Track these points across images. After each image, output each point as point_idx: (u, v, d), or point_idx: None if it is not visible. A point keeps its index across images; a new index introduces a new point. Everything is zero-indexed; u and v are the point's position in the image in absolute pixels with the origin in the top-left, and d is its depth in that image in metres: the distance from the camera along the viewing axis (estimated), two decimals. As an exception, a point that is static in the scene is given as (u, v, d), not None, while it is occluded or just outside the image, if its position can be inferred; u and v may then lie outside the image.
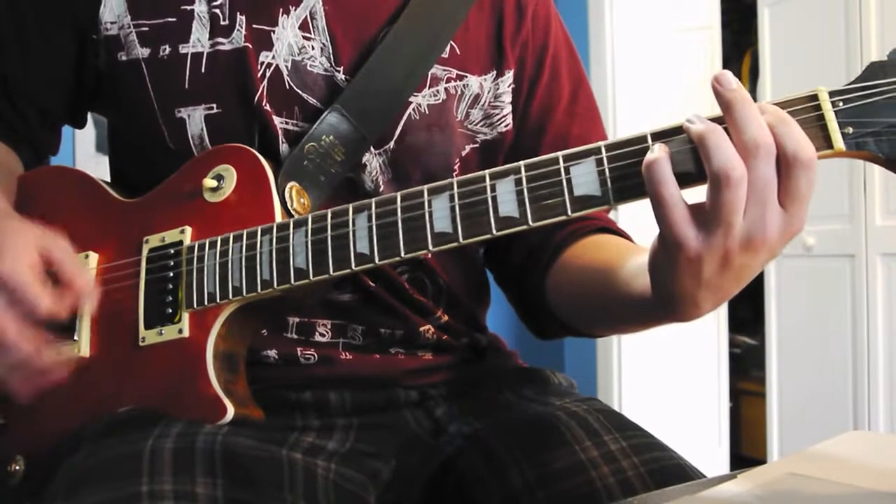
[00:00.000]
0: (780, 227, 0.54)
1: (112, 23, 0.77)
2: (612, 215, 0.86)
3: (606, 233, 0.81)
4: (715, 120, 0.56)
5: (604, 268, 0.71)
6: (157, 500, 0.57)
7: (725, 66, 3.00)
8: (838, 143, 0.55)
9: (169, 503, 0.57)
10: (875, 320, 2.21)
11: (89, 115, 0.90)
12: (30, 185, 0.82)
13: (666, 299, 0.60)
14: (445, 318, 0.82)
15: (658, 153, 0.55)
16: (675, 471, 0.67)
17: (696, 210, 0.55)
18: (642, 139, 0.58)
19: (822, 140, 0.55)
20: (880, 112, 0.55)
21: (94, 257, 0.75)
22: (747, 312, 3.26)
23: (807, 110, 0.55)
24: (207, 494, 0.59)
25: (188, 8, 0.76)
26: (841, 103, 0.55)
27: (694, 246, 0.55)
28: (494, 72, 0.82)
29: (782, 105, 0.56)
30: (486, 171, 0.62)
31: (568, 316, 0.80)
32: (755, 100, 0.54)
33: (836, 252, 2.33)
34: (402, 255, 0.64)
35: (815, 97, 0.56)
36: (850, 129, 0.55)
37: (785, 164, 0.53)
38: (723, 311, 2.90)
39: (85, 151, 2.20)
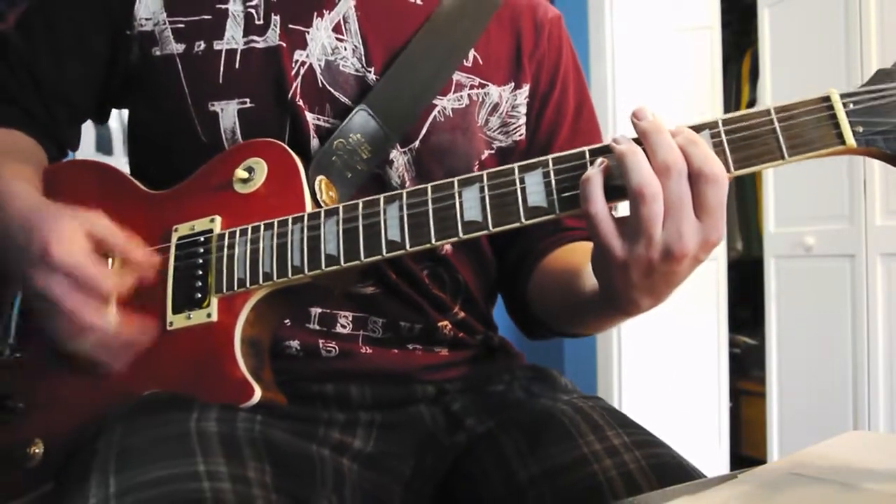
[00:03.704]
0: (698, 239, 0.59)
1: (147, 19, 0.79)
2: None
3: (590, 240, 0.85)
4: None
5: (571, 271, 0.77)
6: (215, 481, 0.58)
7: (725, 66, 3.00)
8: (850, 139, 0.59)
9: (226, 484, 0.58)
10: (875, 320, 2.21)
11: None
12: (56, 177, 0.83)
13: (608, 297, 0.66)
14: (462, 314, 0.85)
15: (591, 171, 0.61)
16: (676, 467, 0.68)
17: (621, 223, 0.61)
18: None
19: (835, 137, 0.59)
20: (888, 113, 0.59)
21: None
22: (747, 312, 3.26)
23: (821, 110, 0.60)
24: (258, 480, 0.60)
25: (223, 7, 0.79)
26: (851, 104, 0.59)
27: (620, 255, 0.61)
28: (513, 83, 0.87)
29: (797, 105, 0.60)
30: (515, 164, 0.65)
31: (545, 316, 0.86)
32: (755, 100, 0.57)
33: (836, 252, 2.33)
34: (433, 241, 0.66)
35: (827, 98, 0.60)
36: (861, 128, 0.59)
37: (694, 180, 0.59)
38: (723, 311, 2.90)
39: (85, 152, 2.19)
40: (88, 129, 0.94)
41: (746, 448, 3.04)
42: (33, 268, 0.69)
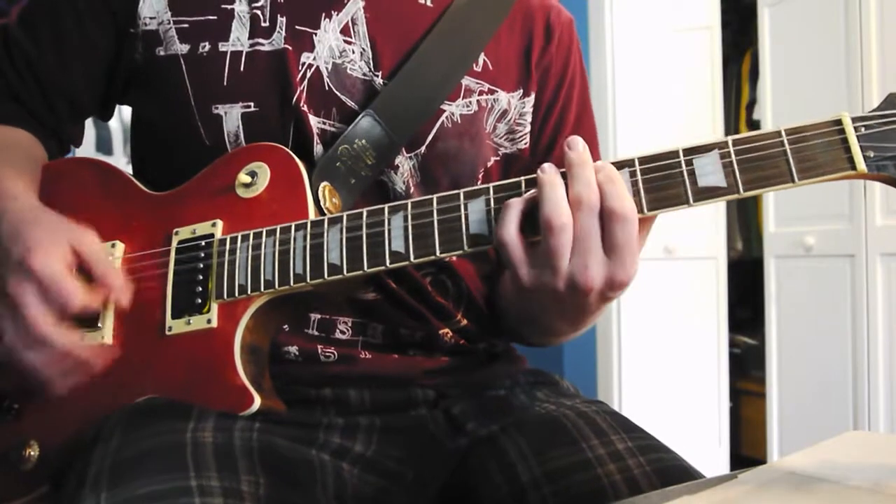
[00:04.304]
0: (603, 275, 0.60)
1: (151, 18, 0.78)
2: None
3: None
4: None
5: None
6: (207, 496, 0.57)
7: (725, 66, 3.00)
8: (861, 164, 0.58)
9: (218, 499, 0.57)
10: (875, 320, 2.21)
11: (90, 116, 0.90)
12: (57, 174, 0.83)
13: (528, 319, 0.69)
14: (464, 322, 0.84)
15: (514, 199, 0.62)
16: (679, 472, 0.68)
17: (531, 250, 0.62)
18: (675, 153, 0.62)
19: (846, 161, 0.58)
20: None
21: (120, 247, 0.76)
22: (747, 312, 3.26)
23: (832, 133, 0.59)
24: (252, 493, 0.60)
25: (229, 7, 0.78)
26: (863, 129, 0.59)
27: (526, 281, 0.62)
28: (521, 90, 0.86)
29: (808, 128, 0.59)
30: (522, 178, 0.65)
31: (510, 325, 0.86)
32: (755, 101, 0.57)
33: (836, 252, 2.33)
34: (438, 254, 0.65)
35: (838, 122, 0.59)
36: (872, 153, 0.58)
37: (605, 217, 0.60)
38: (723, 311, 2.90)
39: (85, 152, 2.19)
40: (88, 129, 0.94)
41: (746, 448, 3.04)
42: (9, 269, 0.68)
